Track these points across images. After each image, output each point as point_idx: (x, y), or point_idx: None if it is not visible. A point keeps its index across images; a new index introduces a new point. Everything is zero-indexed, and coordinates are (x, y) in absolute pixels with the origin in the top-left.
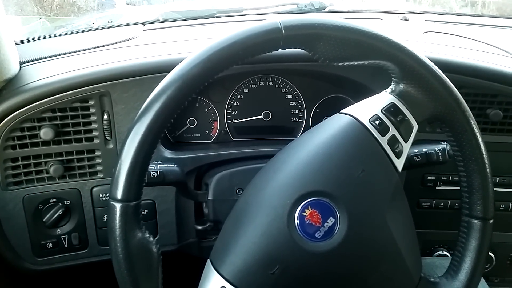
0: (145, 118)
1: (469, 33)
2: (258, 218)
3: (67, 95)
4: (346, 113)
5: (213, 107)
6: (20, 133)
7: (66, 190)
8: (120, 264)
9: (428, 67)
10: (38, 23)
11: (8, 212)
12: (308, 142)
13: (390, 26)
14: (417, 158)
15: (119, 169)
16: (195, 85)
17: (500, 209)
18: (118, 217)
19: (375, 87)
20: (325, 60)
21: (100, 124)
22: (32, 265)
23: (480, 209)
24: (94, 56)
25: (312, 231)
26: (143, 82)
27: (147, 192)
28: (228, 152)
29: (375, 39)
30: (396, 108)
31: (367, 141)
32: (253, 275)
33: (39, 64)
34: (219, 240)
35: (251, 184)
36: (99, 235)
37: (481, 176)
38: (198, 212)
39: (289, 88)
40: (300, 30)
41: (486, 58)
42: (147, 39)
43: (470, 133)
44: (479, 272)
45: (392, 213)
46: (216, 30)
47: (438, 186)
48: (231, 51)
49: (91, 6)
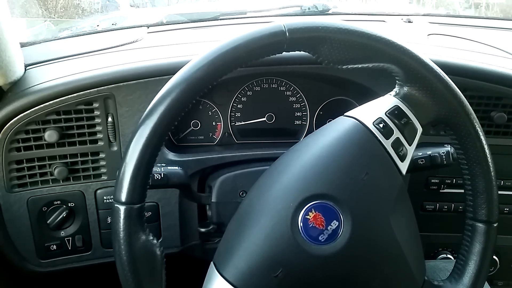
0: (150, 121)
1: (473, 35)
2: (261, 220)
3: (71, 97)
4: (350, 116)
5: (217, 110)
6: (24, 135)
7: (70, 192)
8: (124, 267)
9: (432, 69)
10: (43, 26)
11: (13, 214)
12: (312, 144)
13: (394, 28)
14: (421, 161)
15: (123, 171)
16: (199, 87)
17: (505, 212)
18: (122, 220)
19: (379, 90)
20: (329, 63)
21: (105, 126)
22: (36, 267)
23: (484, 213)
24: (99, 59)
25: (315, 234)
26: (147, 84)
27: (151, 194)
28: (231, 154)
29: (379, 42)
30: (400, 111)
31: (371, 144)
32: (257, 278)
33: (44, 66)
34: (222, 242)
35: (255, 186)
36: (102, 237)
37: (485, 179)
38: (202, 214)
39: (293, 90)
40: (304, 33)
41: (491, 60)
42: (151, 41)
43: (474, 136)
44: (484, 276)
45: (396, 216)
46: (220, 32)
47: (442, 189)
48: (235, 54)
49: (95, 9)
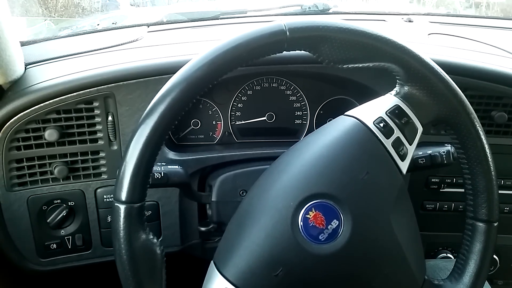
0: (150, 120)
1: (473, 34)
2: (262, 220)
3: (71, 96)
4: (350, 115)
5: (217, 109)
6: (25, 134)
7: (70, 191)
8: (124, 265)
9: (433, 69)
10: (43, 25)
11: (13, 213)
12: (312, 144)
13: (394, 28)
14: (422, 160)
15: (124, 170)
16: (199, 87)
17: (505, 211)
18: (122, 219)
19: (379, 89)
20: (329, 62)
21: (105, 125)
22: (36, 266)
23: (484, 212)
24: (99, 58)
25: (316, 233)
26: (147, 83)
27: (151, 193)
28: (231, 153)
29: (379, 41)
30: (401, 110)
31: (372, 143)
32: (257, 277)
33: (44, 65)
34: (222, 241)
35: (255, 185)
36: (103, 236)
37: (486, 178)
38: (202, 213)
39: (293, 89)
40: (304, 32)
41: (491, 60)
42: (151, 40)
43: (475, 135)
44: (484, 275)
45: (396, 215)
46: (220, 32)
47: (442, 188)
48: (236, 53)
49: (95, 8)
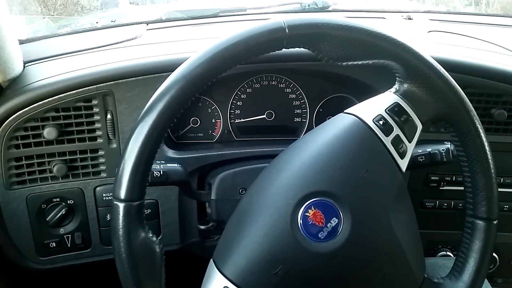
0: (149, 118)
1: (473, 32)
2: (261, 218)
3: (70, 94)
4: (350, 113)
5: (216, 107)
6: (23, 132)
7: (69, 190)
8: (123, 264)
9: (432, 66)
10: (42, 23)
11: (12, 211)
12: (312, 142)
13: (394, 25)
14: (421, 158)
15: (123, 168)
16: (198, 85)
17: (504, 209)
18: (122, 217)
19: (379, 87)
20: (329, 60)
21: (104, 123)
22: (35, 265)
23: (484, 210)
24: (98, 56)
25: (315, 231)
26: (146, 81)
27: (150, 191)
28: (231, 151)
29: (379, 39)
30: (400, 108)
31: (371, 141)
32: (256, 275)
33: (42, 63)
34: (222, 240)
35: (254, 184)
36: (102, 235)
37: (485, 176)
38: (201, 211)
39: (292, 87)
40: (304, 30)
41: (491, 57)
42: (150, 38)
43: (474, 133)
44: (483, 273)
45: (396, 214)
46: (219, 29)
47: (442, 186)
48: (235, 50)
49: (94, 6)
